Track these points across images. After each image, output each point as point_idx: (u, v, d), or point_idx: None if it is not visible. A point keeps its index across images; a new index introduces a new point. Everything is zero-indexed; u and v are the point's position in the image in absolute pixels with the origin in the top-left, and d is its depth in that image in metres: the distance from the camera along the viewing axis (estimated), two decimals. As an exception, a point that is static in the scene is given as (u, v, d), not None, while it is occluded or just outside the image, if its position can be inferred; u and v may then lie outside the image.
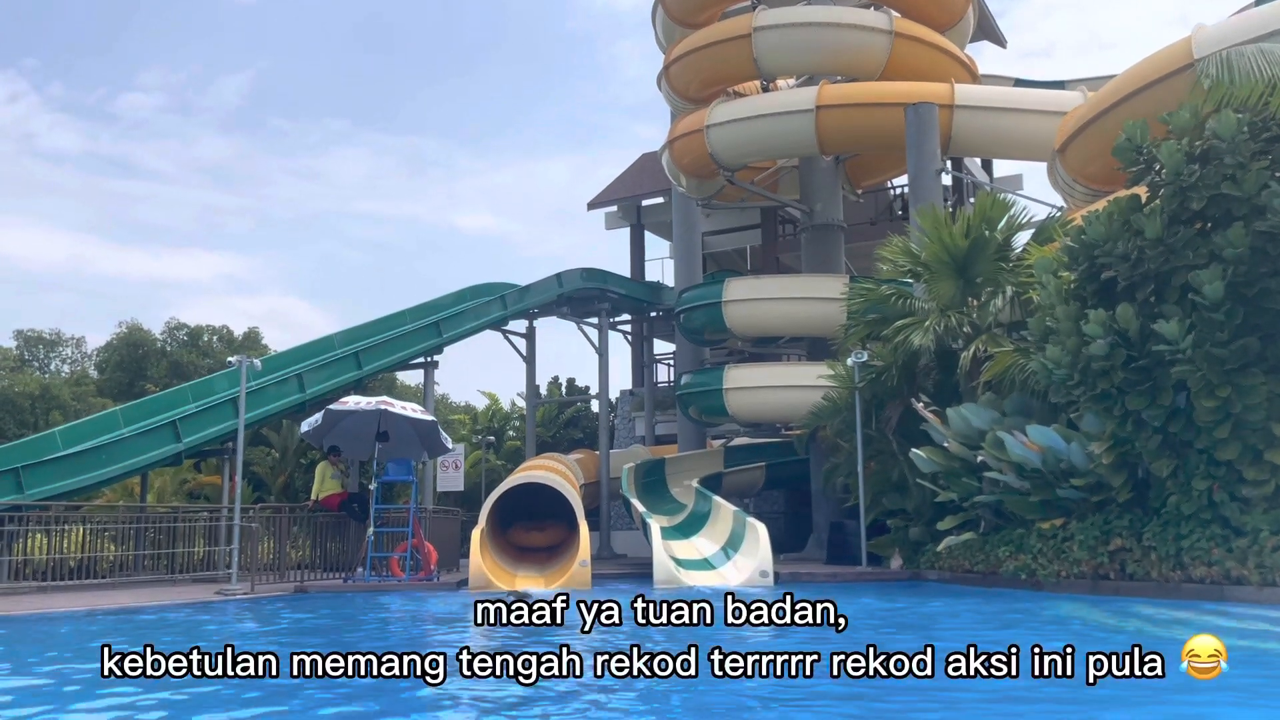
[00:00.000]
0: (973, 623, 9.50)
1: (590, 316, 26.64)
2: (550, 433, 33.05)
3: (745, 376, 22.28)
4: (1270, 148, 10.63)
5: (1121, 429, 11.40)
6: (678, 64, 23.63)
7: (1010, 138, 21.66)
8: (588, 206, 33.79)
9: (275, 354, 22.98)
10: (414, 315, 22.39)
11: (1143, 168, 11.41)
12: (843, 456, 18.03)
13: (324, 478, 16.61)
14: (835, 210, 24.81)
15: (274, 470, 27.07)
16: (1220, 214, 10.68)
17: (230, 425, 16.74)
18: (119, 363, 32.15)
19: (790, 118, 22.03)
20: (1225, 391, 10.39)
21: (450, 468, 25.03)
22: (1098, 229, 11.54)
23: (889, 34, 22.04)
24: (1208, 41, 13.67)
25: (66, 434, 16.56)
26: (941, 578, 14.46)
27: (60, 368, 38.35)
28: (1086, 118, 16.10)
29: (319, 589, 14.38)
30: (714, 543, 17.58)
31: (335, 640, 8.42)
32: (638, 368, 30.85)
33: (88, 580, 14.50)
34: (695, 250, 26.97)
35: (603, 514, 24.93)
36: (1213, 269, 10.38)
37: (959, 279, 16.13)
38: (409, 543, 15.67)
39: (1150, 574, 11.17)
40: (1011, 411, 13.97)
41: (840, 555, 18.63)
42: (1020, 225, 16.53)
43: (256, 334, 34.72)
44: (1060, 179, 17.42)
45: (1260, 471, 10.51)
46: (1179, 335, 10.44)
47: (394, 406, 15.51)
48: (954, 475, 14.34)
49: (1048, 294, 12.35)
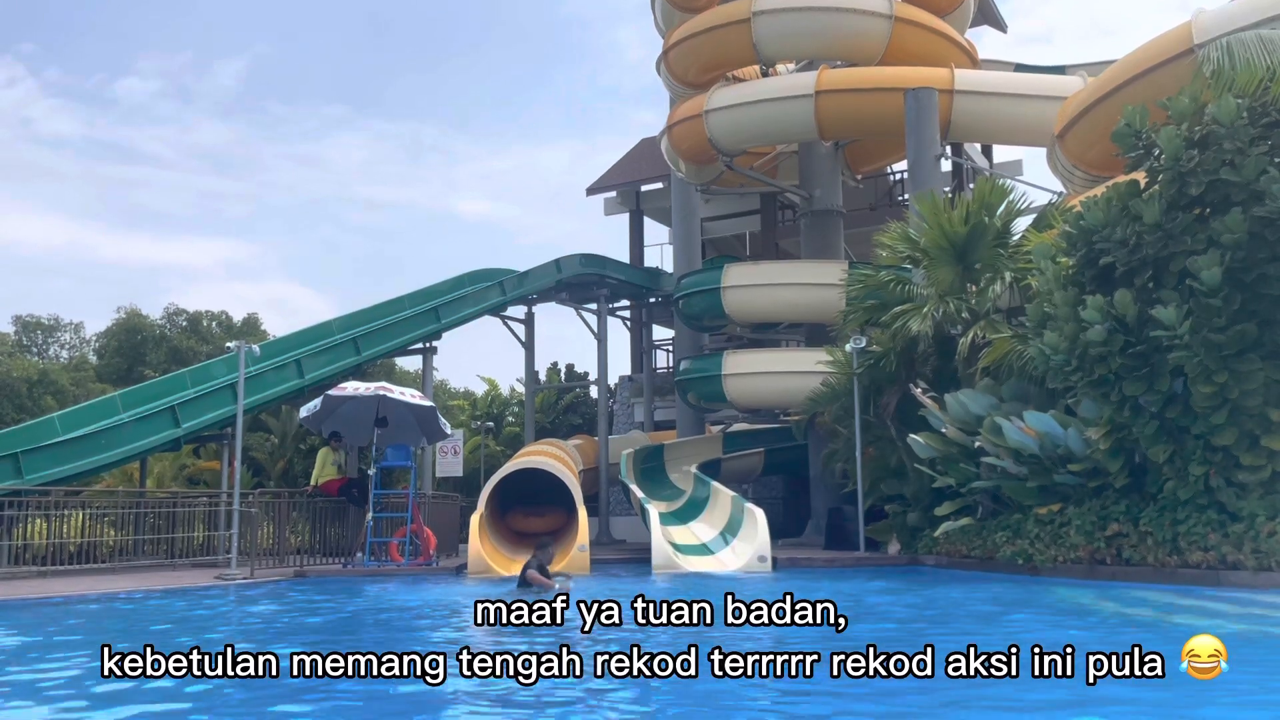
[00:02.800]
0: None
1: (589, 302, 26.64)
2: (549, 418, 33.07)
3: (744, 362, 22.30)
4: (1269, 133, 10.61)
5: (1119, 415, 11.42)
6: (677, 49, 23.55)
7: (1010, 123, 21.60)
8: (587, 192, 33.75)
9: (274, 339, 22.98)
10: (413, 301, 22.39)
11: (1142, 153, 11.39)
12: (841, 442, 18.06)
13: (324, 463, 16.66)
14: (834, 196, 24.78)
15: (273, 456, 27.08)
16: (1219, 199, 10.67)
17: (229, 411, 16.75)
18: (118, 348, 32.13)
19: (789, 103, 21.98)
20: (1222, 377, 10.40)
21: (449, 453, 25.05)
22: (1096, 215, 11.53)
23: (889, 18, 21.97)
24: (1208, 27, 13.64)
25: (66, 419, 16.58)
26: (939, 563, 14.51)
27: (59, 353, 38.34)
28: (1086, 103, 16.07)
29: (318, 574, 14.43)
30: (712, 528, 17.64)
31: (332, 636, 8.41)
32: (637, 354, 30.86)
33: (87, 565, 14.54)
34: (694, 236, 26.95)
35: (602, 499, 24.99)
36: (1211, 255, 10.37)
37: (958, 265, 16.12)
38: (408, 528, 15.72)
39: (1147, 559, 11.21)
40: (1009, 397, 13.99)
41: (838, 540, 18.69)
42: (1019, 211, 16.52)
43: (256, 320, 34.67)
44: (1060, 164, 17.39)
45: (1257, 457, 10.53)
46: (1177, 321, 10.45)
47: (392, 392, 15.53)
48: (952, 461, 14.37)
49: (1046, 280, 12.35)
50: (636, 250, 32.64)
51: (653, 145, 29.60)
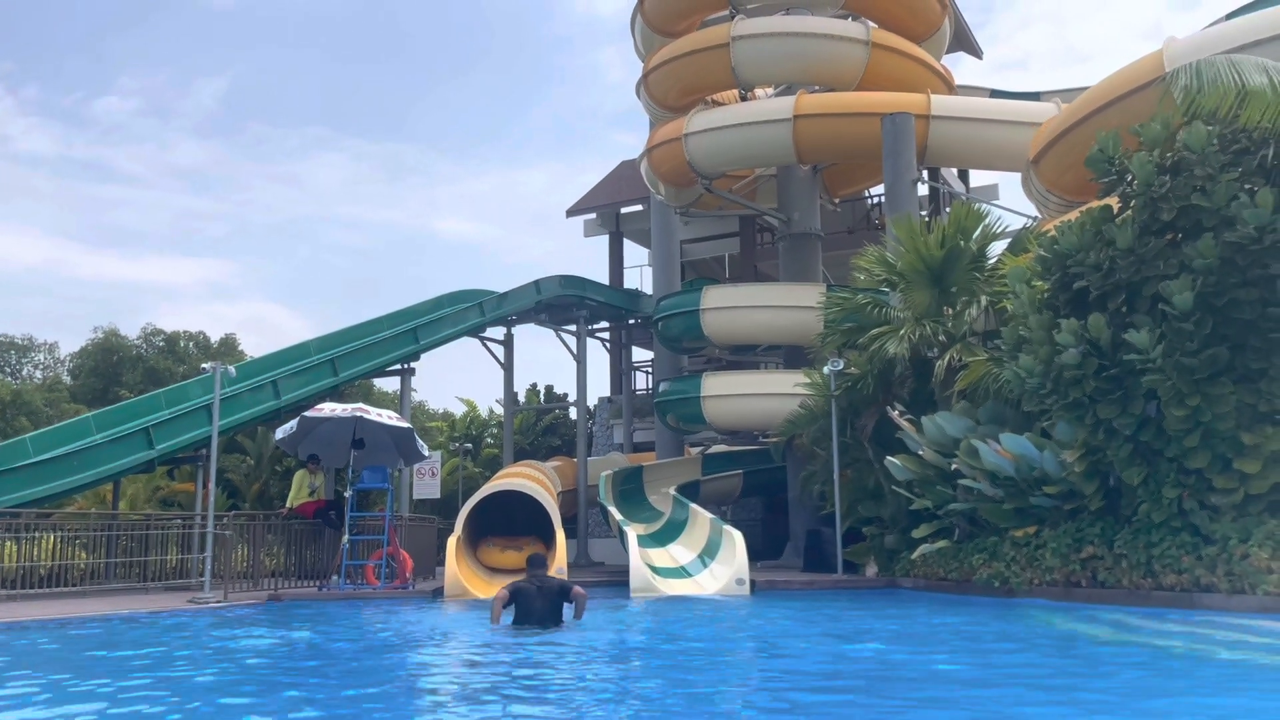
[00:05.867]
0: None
1: (568, 324, 26.63)
2: (528, 440, 32.96)
3: (723, 384, 22.32)
4: (1239, 160, 10.77)
5: (1093, 437, 11.50)
6: (656, 72, 23.69)
7: (986, 148, 21.83)
8: (566, 214, 33.80)
9: (251, 360, 22.85)
10: (391, 322, 22.33)
11: (1115, 179, 11.54)
12: (819, 464, 18.08)
13: (300, 486, 16.52)
14: (813, 219, 24.91)
15: (248, 477, 26.85)
16: (1190, 225, 10.80)
17: (204, 432, 16.61)
18: (93, 368, 31.92)
19: (768, 127, 22.12)
20: (1195, 400, 10.49)
21: (427, 475, 24.91)
22: (1070, 239, 11.65)
23: (866, 44, 22.18)
24: (1179, 54, 13.83)
25: (38, 440, 16.41)
26: (916, 585, 14.51)
27: (33, 374, 37.99)
28: (1060, 129, 16.25)
29: (293, 597, 14.27)
30: (691, 551, 17.58)
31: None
32: (616, 375, 30.83)
33: (59, 589, 14.34)
34: (673, 258, 27.01)
35: (580, 522, 24.89)
36: (1183, 279, 10.49)
37: (934, 288, 16.23)
38: (384, 550, 15.59)
39: (1121, 581, 11.25)
40: (985, 420, 14.05)
41: (817, 563, 18.66)
42: (995, 235, 16.66)
43: (233, 340, 34.55)
44: (1035, 189, 17.56)
45: (1229, 480, 10.61)
46: (1149, 345, 10.54)
47: (370, 413, 15.43)
48: (929, 483, 14.41)
49: (1021, 303, 12.44)
50: (616, 272, 32.66)
51: (633, 167, 29.69)
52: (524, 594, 9.35)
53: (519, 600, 9.34)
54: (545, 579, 9.64)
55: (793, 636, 9.66)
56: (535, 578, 9.55)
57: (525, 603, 9.32)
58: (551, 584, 9.60)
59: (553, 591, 9.44)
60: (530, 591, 9.35)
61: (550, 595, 9.39)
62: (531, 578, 9.54)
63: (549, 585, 9.53)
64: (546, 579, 9.66)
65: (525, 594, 9.35)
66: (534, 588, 9.39)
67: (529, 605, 9.29)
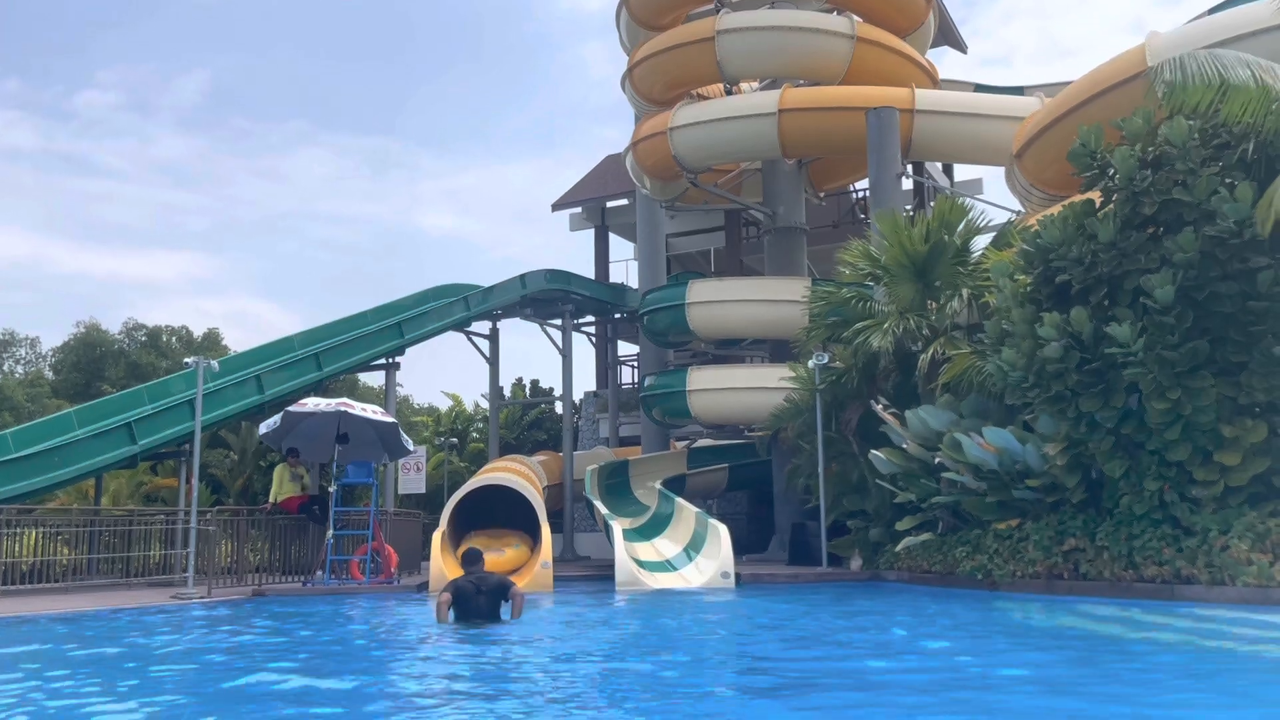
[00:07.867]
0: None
1: (554, 318, 26.62)
2: (514, 434, 32.95)
3: (708, 378, 22.35)
4: (1220, 154, 10.83)
5: (1075, 430, 11.56)
6: (641, 66, 23.66)
7: (969, 142, 21.89)
8: (552, 208, 33.75)
9: (234, 355, 22.75)
10: (376, 316, 22.26)
11: (1097, 173, 11.58)
12: (804, 458, 18.13)
13: (282, 480, 16.45)
14: (798, 213, 24.95)
15: (232, 473, 26.71)
16: (1171, 219, 10.86)
17: (187, 427, 16.54)
18: (75, 363, 31.71)
19: (753, 121, 22.14)
20: (1176, 394, 10.56)
21: (412, 470, 24.89)
22: (1053, 233, 11.69)
23: (850, 38, 22.20)
24: (1161, 49, 13.89)
25: (19, 436, 16.29)
26: (900, 578, 14.58)
27: (14, 369, 37.73)
28: (1043, 123, 16.31)
29: (277, 593, 14.24)
30: (676, 544, 17.61)
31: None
32: (601, 369, 30.84)
33: (41, 585, 14.26)
34: (659, 252, 27.02)
35: (566, 516, 24.90)
36: (1164, 273, 10.55)
37: (918, 282, 16.28)
38: (369, 545, 15.57)
39: (1103, 574, 11.33)
40: (969, 413, 14.11)
41: (802, 556, 18.73)
42: (978, 229, 16.73)
43: (216, 335, 34.40)
44: (1018, 184, 17.62)
45: (1209, 472, 10.69)
46: (1131, 338, 10.60)
47: (354, 408, 15.39)
48: (913, 476, 14.47)
49: (1004, 297, 12.49)
50: (601, 266, 32.66)
51: (618, 162, 29.67)
52: (463, 592, 9.20)
53: (458, 598, 9.18)
54: (483, 576, 9.48)
55: (774, 629, 9.70)
56: (473, 574, 9.38)
57: (464, 601, 9.17)
58: (490, 580, 9.45)
59: (491, 589, 9.30)
60: (469, 590, 9.21)
61: (489, 593, 9.26)
62: (469, 574, 9.38)
63: (487, 582, 9.38)
64: (485, 576, 9.51)
65: (464, 592, 9.20)
66: (473, 586, 9.24)
67: (468, 604, 9.15)
